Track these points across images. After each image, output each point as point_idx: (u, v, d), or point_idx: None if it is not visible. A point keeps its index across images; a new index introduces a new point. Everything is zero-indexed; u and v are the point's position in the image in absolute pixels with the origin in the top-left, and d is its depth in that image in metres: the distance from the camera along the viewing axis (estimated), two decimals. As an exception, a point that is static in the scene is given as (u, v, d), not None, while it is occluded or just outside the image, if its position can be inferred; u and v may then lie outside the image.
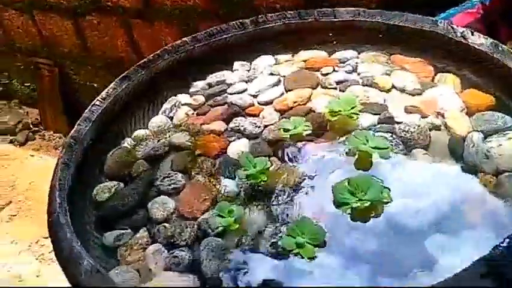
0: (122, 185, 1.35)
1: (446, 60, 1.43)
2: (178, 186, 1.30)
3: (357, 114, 1.43)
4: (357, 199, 1.02)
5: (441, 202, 1.02)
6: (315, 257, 0.97)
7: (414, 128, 1.25)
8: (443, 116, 1.26)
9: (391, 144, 1.20)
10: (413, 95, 1.50)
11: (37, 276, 2.23)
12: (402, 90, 1.41)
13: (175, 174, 1.31)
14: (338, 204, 1.04)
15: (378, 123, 1.30)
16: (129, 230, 1.24)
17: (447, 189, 1.05)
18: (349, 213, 1.03)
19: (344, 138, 1.26)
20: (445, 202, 1.02)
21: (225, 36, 1.56)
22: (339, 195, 1.04)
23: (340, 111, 1.28)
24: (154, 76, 1.54)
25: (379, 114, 1.31)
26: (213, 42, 1.58)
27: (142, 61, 1.53)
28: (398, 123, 1.28)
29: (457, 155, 1.15)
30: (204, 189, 1.23)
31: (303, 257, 0.97)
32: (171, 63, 1.69)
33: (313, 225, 1.00)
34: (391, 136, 1.25)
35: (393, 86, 1.52)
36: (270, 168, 1.17)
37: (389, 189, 1.07)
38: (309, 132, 1.29)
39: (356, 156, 1.19)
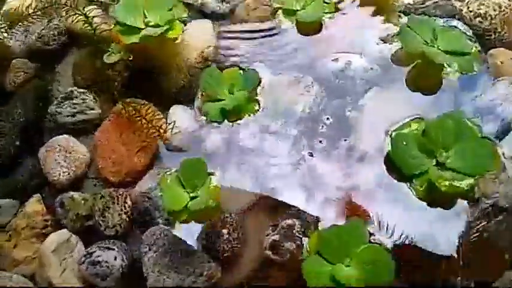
0: None
1: None
2: (90, 118, 0.83)
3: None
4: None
5: None
6: None
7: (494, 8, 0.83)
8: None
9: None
10: None
11: None
12: None
13: (83, 93, 0.84)
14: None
15: None
16: (9, 200, 0.79)
17: None
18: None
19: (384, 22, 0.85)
20: None
21: None
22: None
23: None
24: None
25: None
26: None
27: None
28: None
29: None
30: (137, 127, 0.77)
31: None
32: None
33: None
34: (455, 23, 0.84)
35: None
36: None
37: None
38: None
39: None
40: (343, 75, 0.80)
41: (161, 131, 0.75)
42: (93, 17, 0.85)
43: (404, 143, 0.65)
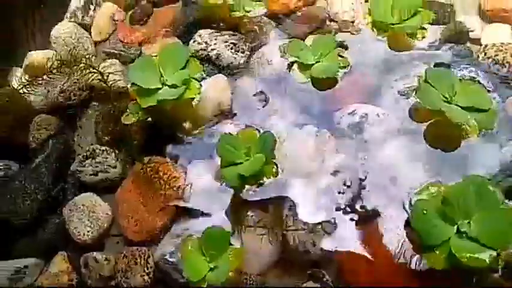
0: (14, 167, 0.89)
1: None
2: (111, 177, 0.85)
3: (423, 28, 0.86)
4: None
5: None
6: None
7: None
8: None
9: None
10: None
11: None
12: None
13: (104, 151, 0.86)
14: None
15: (444, 41, 0.89)
16: (34, 259, 0.81)
17: None
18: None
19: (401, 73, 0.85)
20: None
21: None
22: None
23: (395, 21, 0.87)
24: None
25: (444, 21, 0.92)
26: None
27: None
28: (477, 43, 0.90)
29: None
30: (157, 188, 0.79)
31: None
32: None
33: None
34: (473, 71, 0.83)
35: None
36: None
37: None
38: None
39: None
40: (360, 129, 0.80)
41: (179, 192, 0.77)
42: (109, 73, 0.86)
43: (425, 211, 0.64)
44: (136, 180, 0.80)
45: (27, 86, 0.94)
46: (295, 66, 0.86)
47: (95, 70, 0.85)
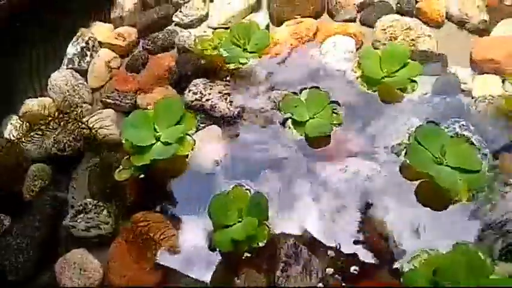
0: (6, 220, 0.88)
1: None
2: (104, 233, 0.84)
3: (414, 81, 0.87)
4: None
5: None
6: None
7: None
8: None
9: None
10: (479, 33, 0.99)
11: None
12: (461, 24, 1.01)
13: (97, 206, 0.86)
14: None
15: (436, 93, 0.90)
16: None
17: None
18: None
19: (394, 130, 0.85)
20: None
21: None
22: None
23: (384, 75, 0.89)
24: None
25: (437, 73, 0.93)
26: None
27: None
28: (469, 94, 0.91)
29: None
30: (148, 245, 0.78)
31: None
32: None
33: None
34: (464, 126, 0.83)
35: (447, 16, 1.02)
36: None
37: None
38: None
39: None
40: (351, 186, 0.80)
41: (172, 250, 0.76)
42: (100, 127, 0.88)
43: (416, 282, 0.64)
44: (129, 237, 0.79)
45: (25, 134, 0.95)
46: (289, 121, 0.87)
47: (84, 126, 0.86)
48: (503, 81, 0.92)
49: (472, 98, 0.90)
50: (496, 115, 0.83)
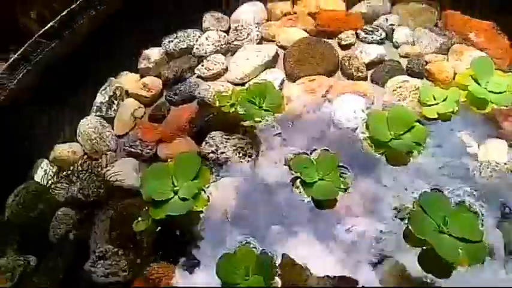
0: (32, 261, 0.93)
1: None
2: (121, 280, 0.89)
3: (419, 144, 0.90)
4: None
5: None
6: None
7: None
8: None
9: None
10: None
11: None
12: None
13: (116, 254, 0.90)
14: None
15: (442, 157, 0.93)
16: None
17: None
18: None
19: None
20: None
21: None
22: None
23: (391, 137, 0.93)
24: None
25: (443, 135, 0.96)
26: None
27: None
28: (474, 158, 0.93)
29: None
30: None
31: None
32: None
33: None
34: (468, 191, 0.87)
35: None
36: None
37: None
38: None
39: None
40: (357, 247, 0.83)
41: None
42: (118, 180, 0.96)
43: None
44: (144, 286, 0.85)
45: (54, 180, 1.04)
46: (298, 181, 0.91)
47: (97, 182, 0.94)
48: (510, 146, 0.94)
49: (478, 162, 0.92)
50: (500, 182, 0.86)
